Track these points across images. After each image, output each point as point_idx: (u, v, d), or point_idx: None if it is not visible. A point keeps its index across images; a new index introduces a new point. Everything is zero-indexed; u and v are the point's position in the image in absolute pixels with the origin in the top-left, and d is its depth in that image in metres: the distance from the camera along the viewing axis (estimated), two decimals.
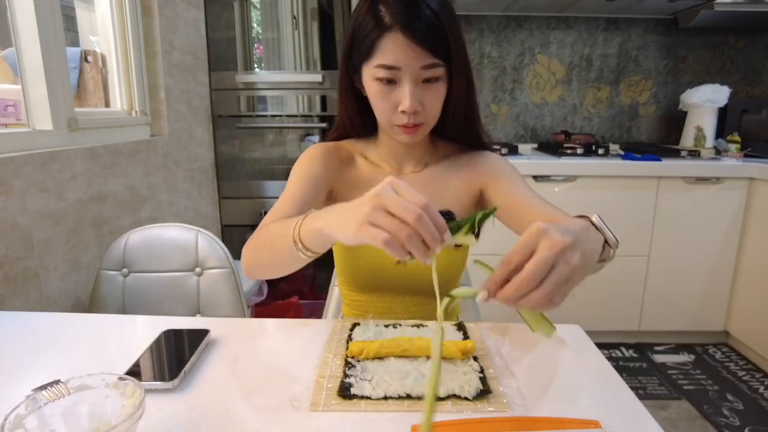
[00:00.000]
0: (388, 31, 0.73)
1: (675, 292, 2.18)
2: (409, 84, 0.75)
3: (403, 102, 0.75)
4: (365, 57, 0.76)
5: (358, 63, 0.79)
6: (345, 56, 0.82)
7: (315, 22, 2.20)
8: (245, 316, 1.15)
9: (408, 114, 0.76)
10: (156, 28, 1.72)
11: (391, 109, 0.78)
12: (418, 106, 0.76)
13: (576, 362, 0.69)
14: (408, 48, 0.72)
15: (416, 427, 0.54)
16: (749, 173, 2.04)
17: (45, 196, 1.18)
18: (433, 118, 0.80)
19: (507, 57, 2.56)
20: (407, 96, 0.75)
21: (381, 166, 0.90)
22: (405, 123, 0.78)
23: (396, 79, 0.75)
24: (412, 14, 0.72)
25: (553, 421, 0.54)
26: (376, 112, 0.81)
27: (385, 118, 0.80)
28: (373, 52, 0.75)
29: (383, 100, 0.77)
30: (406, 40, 0.72)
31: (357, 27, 0.77)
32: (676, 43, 2.54)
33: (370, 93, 0.79)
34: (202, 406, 0.58)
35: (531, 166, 2.06)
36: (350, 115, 0.89)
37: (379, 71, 0.75)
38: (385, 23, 0.73)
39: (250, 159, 2.25)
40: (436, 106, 0.79)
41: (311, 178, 0.84)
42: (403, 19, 0.72)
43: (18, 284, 1.10)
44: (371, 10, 0.75)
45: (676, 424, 1.71)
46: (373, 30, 0.74)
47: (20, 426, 0.46)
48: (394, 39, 0.72)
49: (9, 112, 1.23)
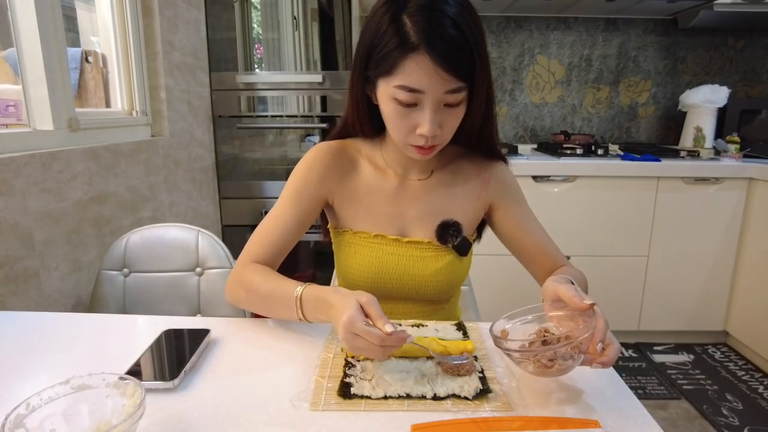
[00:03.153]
0: (413, 52, 0.67)
1: (674, 292, 2.19)
2: (430, 109, 0.70)
3: (422, 126, 0.71)
4: (384, 74, 0.71)
5: (374, 76, 0.74)
6: (360, 64, 0.76)
7: (315, 23, 2.20)
8: (245, 315, 1.15)
9: (426, 137, 0.73)
10: (156, 29, 1.72)
11: (408, 130, 0.74)
12: (438, 130, 0.72)
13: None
14: (434, 72, 0.67)
15: (416, 426, 0.54)
16: (748, 173, 2.05)
17: (46, 196, 1.18)
18: (447, 140, 0.77)
19: (507, 57, 2.56)
20: (428, 121, 0.71)
21: (386, 172, 0.88)
22: (421, 144, 0.74)
23: (416, 102, 0.71)
24: (439, 34, 0.66)
25: (553, 421, 0.55)
26: (390, 128, 0.77)
27: (399, 137, 0.76)
28: (394, 71, 0.69)
29: (400, 121, 0.73)
30: (432, 64, 0.66)
31: (377, 39, 0.70)
32: (675, 44, 2.54)
33: (386, 110, 0.75)
34: (202, 405, 0.58)
35: (531, 167, 2.06)
36: (360, 117, 0.85)
37: (399, 92, 0.70)
38: (411, 42, 0.66)
39: (251, 159, 2.25)
40: (454, 128, 0.76)
41: (304, 197, 0.85)
42: (430, 40, 0.66)
43: (19, 284, 1.10)
44: (394, 22, 0.68)
45: (675, 424, 1.72)
46: (396, 48, 0.68)
47: (21, 425, 0.47)
48: (420, 61, 0.67)
49: (10, 112, 1.23)
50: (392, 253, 0.85)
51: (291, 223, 0.83)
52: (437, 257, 0.85)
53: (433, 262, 0.84)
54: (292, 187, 0.85)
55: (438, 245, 0.85)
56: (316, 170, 0.85)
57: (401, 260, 0.84)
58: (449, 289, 0.88)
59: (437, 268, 0.84)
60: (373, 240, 0.85)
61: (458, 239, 0.84)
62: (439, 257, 0.85)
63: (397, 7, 0.69)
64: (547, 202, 2.08)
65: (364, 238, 0.86)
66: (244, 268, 0.80)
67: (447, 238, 0.84)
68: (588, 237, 2.13)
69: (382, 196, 0.86)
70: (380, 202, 0.86)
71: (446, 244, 0.85)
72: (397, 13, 0.69)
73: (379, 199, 0.86)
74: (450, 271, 0.85)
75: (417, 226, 0.86)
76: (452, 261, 0.85)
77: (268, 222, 0.84)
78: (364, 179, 0.87)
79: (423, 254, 0.85)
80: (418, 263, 0.84)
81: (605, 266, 2.15)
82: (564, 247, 0.86)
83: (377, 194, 0.87)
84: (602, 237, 2.13)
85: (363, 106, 0.82)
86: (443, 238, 0.84)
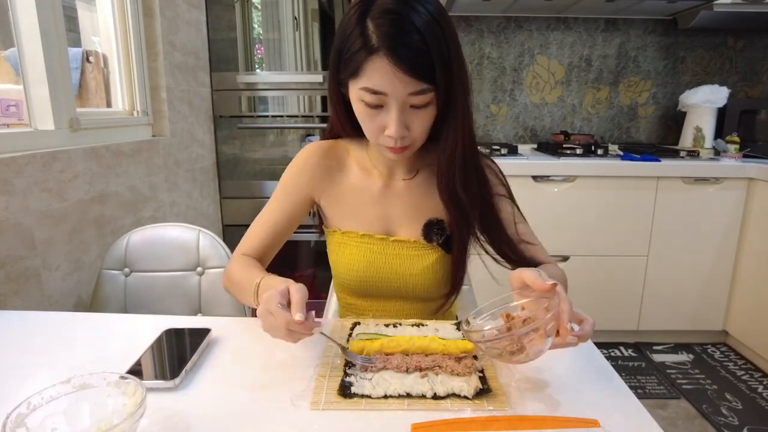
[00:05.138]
0: (374, 54, 0.68)
1: (674, 292, 2.19)
2: (395, 110, 0.71)
3: (389, 127, 0.73)
4: (351, 75, 0.72)
5: (344, 78, 0.75)
6: (333, 66, 0.77)
7: (316, 23, 2.20)
8: (246, 315, 1.15)
9: (394, 138, 0.74)
10: (157, 29, 1.72)
11: (377, 130, 0.75)
12: (405, 131, 0.73)
13: (575, 362, 0.69)
14: (394, 75, 0.68)
15: (416, 425, 0.54)
16: (748, 173, 2.05)
17: (47, 196, 1.18)
18: (420, 140, 0.78)
19: (506, 58, 2.56)
20: (393, 122, 0.72)
21: (372, 172, 0.89)
22: (392, 146, 0.76)
23: (382, 103, 0.72)
24: (399, 39, 0.67)
25: (553, 421, 0.55)
26: (363, 129, 0.79)
27: (371, 137, 0.78)
28: (359, 72, 0.71)
29: (369, 122, 0.75)
30: (392, 67, 0.67)
31: (344, 41, 0.72)
32: (675, 44, 2.55)
33: (357, 111, 0.77)
34: (203, 404, 0.58)
35: (530, 167, 2.06)
36: (340, 120, 0.88)
37: (364, 94, 0.71)
38: (372, 45, 0.68)
39: (251, 159, 2.25)
40: (424, 129, 0.76)
41: (292, 195, 0.89)
42: (389, 44, 0.67)
43: (20, 284, 1.11)
44: (359, 24, 0.69)
45: (674, 424, 1.72)
46: (360, 50, 0.69)
47: (22, 424, 0.47)
48: (381, 64, 0.68)
49: (11, 112, 1.24)
50: (380, 252, 0.86)
51: (279, 220, 0.88)
52: (424, 255, 0.86)
53: (420, 260, 0.86)
54: (281, 186, 0.90)
55: (424, 243, 0.87)
56: (304, 170, 0.89)
57: (389, 259, 0.86)
58: (438, 286, 0.88)
59: (424, 266, 0.86)
60: (361, 239, 0.87)
61: (443, 237, 0.86)
62: (425, 255, 0.86)
63: (363, 11, 0.70)
64: (546, 202, 2.08)
65: (352, 238, 0.88)
66: (232, 259, 0.87)
67: (432, 237, 0.86)
68: (588, 237, 2.13)
69: (368, 197, 0.88)
70: (366, 203, 0.88)
71: (432, 242, 0.86)
72: (362, 16, 0.70)
73: (366, 200, 0.88)
74: (437, 268, 0.86)
75: (403, 225, 0.88)
76: (439, 258, 0.87)
77: (259, 218, 0.90)
78: (350, 180, 0.89)
79: (410, 253, 0.86)
80: (405, 262, 0.86)
81: (605, 266, 2.15)
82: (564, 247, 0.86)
83: (363, 195, 0.88)
84: (602, 237, 2.13)
85: (341, 107, 0.85)
86: (429, 236, 0.86)
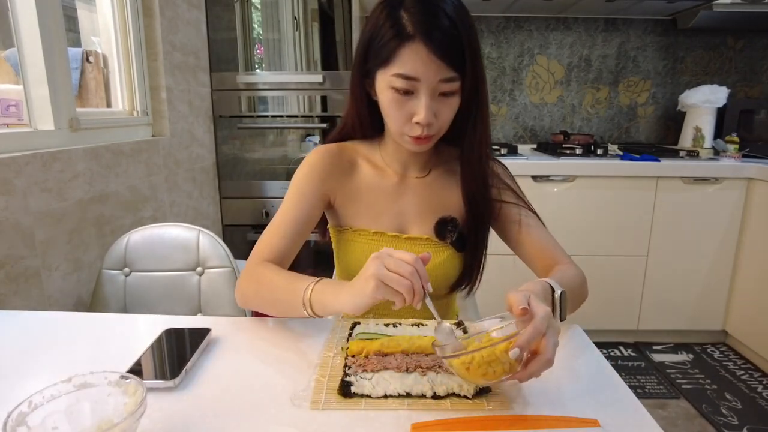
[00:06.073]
0: (409, 41, 0.71)
1: (673, 292, 2.19)
2: (426, 96, 0.74)
3: (418, 114, 0.74)
4: (382, 64, 0.75)
5: (373, 69, 0.77)
6: (359, 59, 0.80)
7: (316, 23, 2.20)
8: (246, 315, 1.15)
9: (422, 126, 0.75)
10: (157, 29, 1.72)
11: (405, 118, 0.76)
12: (433, 118, 0.75)
13: (575, 361, 0.69)
14: (429, 60, 0.71)
15: (416, 425, 0.54)
16: (748, 173, 2.05)
17: (47, 196, 1.18)
18: (443, 130, 0.80)
19: (506, 58, 2.57)
20: (423, 108, 0.74)
21: (385, 170, 0.90)
22: (418, 134, 0.77)
23: (413, 89, 0.74)
24: (434, 24, 0.70)
25: (553, 420, 0.55)
26: (388, 119, 0.80)
27: (396, 126, 0.79)
28: (391, 60, 0.73)
29: (397, 110, 0.76)
30: (427, 52, 0.70)
31: (375, 32, 0.75)
32: (674, 44, 2.55)
33: (384, 100, 0.78)
34: (203, 404, 0.58)
35: (530, 167, 2.07)
36: (360, 116, 0.88)
37: (396, 80, 0.73)
38: (407, 32, 0.71)
39: (251, 159, 2.25)
40: (449, 118, 0.78)
41: (308, 197, 0.86)
42: (424, 29, 0.70)
43: (20, 284, 1.11)
44: (391, 16, 0.73)
45: (674, 423, 1.72)
46: (393, 38, 0.72)
47: (23, 423, 0.47)
48: (416, 49, 0.71)
49: (11, 112, 1.24)
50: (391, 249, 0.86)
51: (297, 224, 0.84)
52: (436, 252, 0.87)
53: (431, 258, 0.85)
54: (295, 189, 0.87)
55: (436, 241, 0.87)
56: (318, 171, 0.87)
57: None
58: (448, 283, 0.89)
59: (436, 263, 0.86)
60: (373, 237, 0.87)
61: (456, 235, 0.86)
62: (437, 252, 0.87)
63: (395, 4, 0.74)
64: (546, 202, 2.09)
65: (364, 235, 0.88)
66: (257, 266, 0.80)
67: (445, 234, 0.86)
68: (587, 237, 2.13)
69: (381, 194, 0.89)
70: (380, 200, 0.88)
71: (444, 239, 0.87)
72: (394, 8, 0.74)
73: (379, 197, 0.89)
74: (449, 266, 0.87)
75: (416, 222, 0.88)
76: (450, 256, 0.87)
77: (275, 224, 0.85)
78: (363, 178, 0.89)
79: (422, 250, 0.86)
80: None
81: (604, 266, 2.16)
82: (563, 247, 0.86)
83: (377, 192, 0.89)
84: (601, 237, 2.13)
85: (363, 104, 0.85)
86: (441, 234, 0.86)
